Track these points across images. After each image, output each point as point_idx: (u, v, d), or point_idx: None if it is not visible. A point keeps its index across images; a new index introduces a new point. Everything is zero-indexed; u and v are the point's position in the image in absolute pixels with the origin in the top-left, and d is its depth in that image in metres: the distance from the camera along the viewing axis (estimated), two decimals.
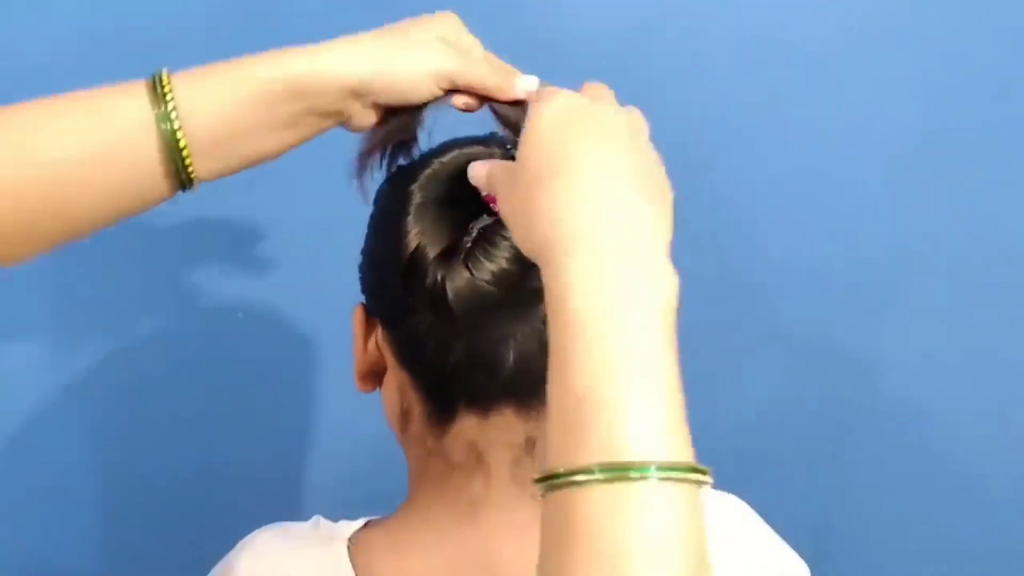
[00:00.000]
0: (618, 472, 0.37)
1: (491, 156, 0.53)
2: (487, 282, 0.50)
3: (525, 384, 0.52)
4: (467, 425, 0.54)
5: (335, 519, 0.62)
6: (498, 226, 0.51)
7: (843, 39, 0.93)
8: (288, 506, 0.98)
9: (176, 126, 0.51)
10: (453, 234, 0.52)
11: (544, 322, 0.48)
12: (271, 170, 0.85)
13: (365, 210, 0.59)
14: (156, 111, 0.51)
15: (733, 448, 1.03)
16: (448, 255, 0.51)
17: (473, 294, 0.50)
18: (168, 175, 0.53)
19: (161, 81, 0.52)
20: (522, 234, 0.44)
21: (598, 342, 0.38)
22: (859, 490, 1.05)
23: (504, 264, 0.50)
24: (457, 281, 0.50)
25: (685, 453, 0.38)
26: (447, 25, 0.56)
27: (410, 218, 0.52)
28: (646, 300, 0.39)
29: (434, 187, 0.53)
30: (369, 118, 0.56)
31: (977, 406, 1.02)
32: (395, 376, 0.57)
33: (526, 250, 0.44)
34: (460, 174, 0.52)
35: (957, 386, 1.01)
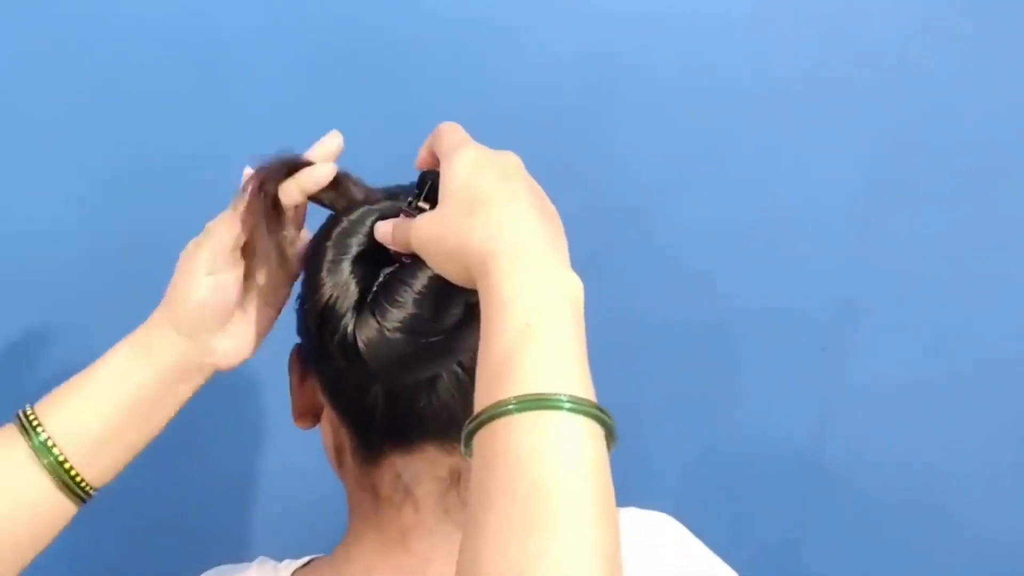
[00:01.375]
0: (533, 402, 0.42)
1: (397, 212, 0.56)
2: (395, 330, 0.52)
3: (443, 423, 0.55)
4: (393, 460, 0.56)
5: (280, 559, 0.62)
6: (402, 274, 0.54)
7: (800, 82, 0.94)
8: (234, 546, 0.97)
9: (56, 454, 0.54)
10: (361, 287, 0.54)
11: (459, 364, 0.54)
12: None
13: None
14: (29, 443, 0.54)
15: (704, 479, 1.05)
16: (357, 307, 0.54)
17: (383, 342, 0.52)
18: (63, 497, 0.55)
19: (27, 415, 0.56)
20: (454, 262, 0.50)
21: (522, 317, 0.45)
22: (824, 526, 1.07)
23: (411, 309, 0.53)
24: (367, 331, 0.53)
25: (593, 398, 0.44)
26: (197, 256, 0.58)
27: (323, 273, 0.55)
28: (562, 293, 0.46)
29: (344, 244, 0.55)
30: (228, 350, 0.59)
31: (943, 443, 1.03)
32: (328, 413, 0.59)
33: (457, 275, 0.50)
34: (368, 231, 0.56)
35: (918, 422, 1.02)
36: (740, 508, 1.07)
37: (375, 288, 0.54)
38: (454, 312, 0.53)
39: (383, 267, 0.55)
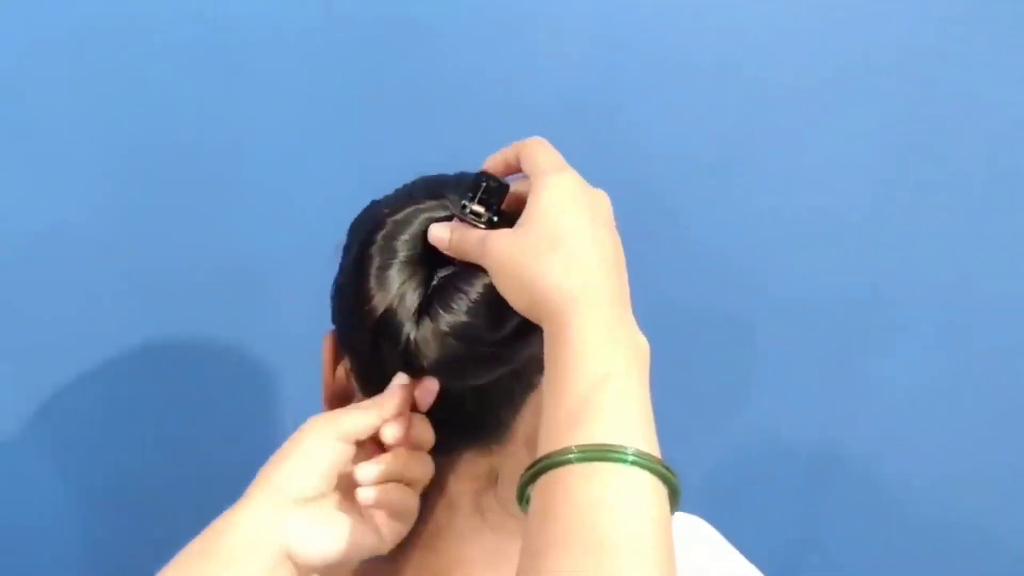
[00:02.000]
0: (597, 452, 0.42)
1: (448, 214, 0.54)
2: (450, 336, 0.51)
3: (488, 427, 0.54)
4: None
5: None
6: (457, 280, 0.52)
7: (820, 77, 0.94)
8: None
9: None
10: (414, 294, 0.52)
11: (510, 372, 0.52)
12: (260, 180, 0.85)
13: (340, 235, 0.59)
14: None
15: (720, 478, 1.04)
16: (412, 315, 0.52)
17: (437, 349, 0.51)
18: None
19: None
20: (524, 292, 0.49)
21: (599, 370, 0.44)
22: (837, 523, 1.06)
23: (466, 318, 0.51)
24: (421, 338, 0.51)
25: (657, 454, 0.43)
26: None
27: (372, 282, 0.52)
28: (635, 351, 0.47)
29: (390, 248, 0.53)
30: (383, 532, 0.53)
31: (958, 441, 1.04)
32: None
33: (521, 308, 0.49)
34: (416, 232, 0.54)
35: (933, 419, 1.04)
36: (752, 503, 1.06)
37: (429, 293, 0.52)
38: (511, 322, 0.52)
39: (434, 269, 0.53)
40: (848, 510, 1.08)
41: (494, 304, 0.51)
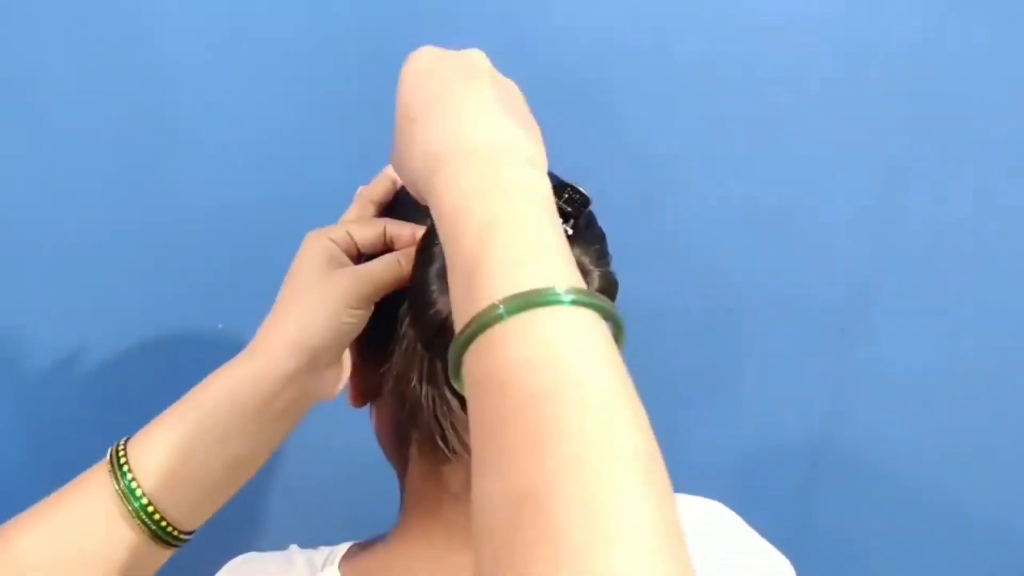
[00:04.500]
0: (525, 301, 0.34)
1: None
2: None
3: None
4: (461, 457, 0.53)
5: (300, 544, 0.61)
6: None
7: (816, 69, 0.95)
8: (256, 527, 0.98)
9: (140, 495, 0.49)
10: None
11: None
12: (255, 178, 0.84)
13: None
14: (117, 488, 0.49)
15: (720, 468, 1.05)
16: None
17: None
18: (152, 542, 0.50)
19: (117, 453, 0.50)
20: (406, 176, 0.44)
21: (478, 217, 0.37)
22: (834, 514, 1.06)
23: None
24: None
25: (585, 287, 0.36)
26: (315, 246, 0.53)
27: (435, 285, 0.50)
28: (525, 187, 0.38)
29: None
30: (335, 379, 0.54)
31: (955, 432, 1.05)
32: (386, 404, 0.56)
33: (414, 192, 0.44)
34: None
35: (930, 411, 1.04)
36: (749, 495, 1.07)
37: None
38: None
39: None
40: (846, 506, 1.08)
41: None
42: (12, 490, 0.96)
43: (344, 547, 0.60)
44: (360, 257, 0.54)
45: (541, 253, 0.36)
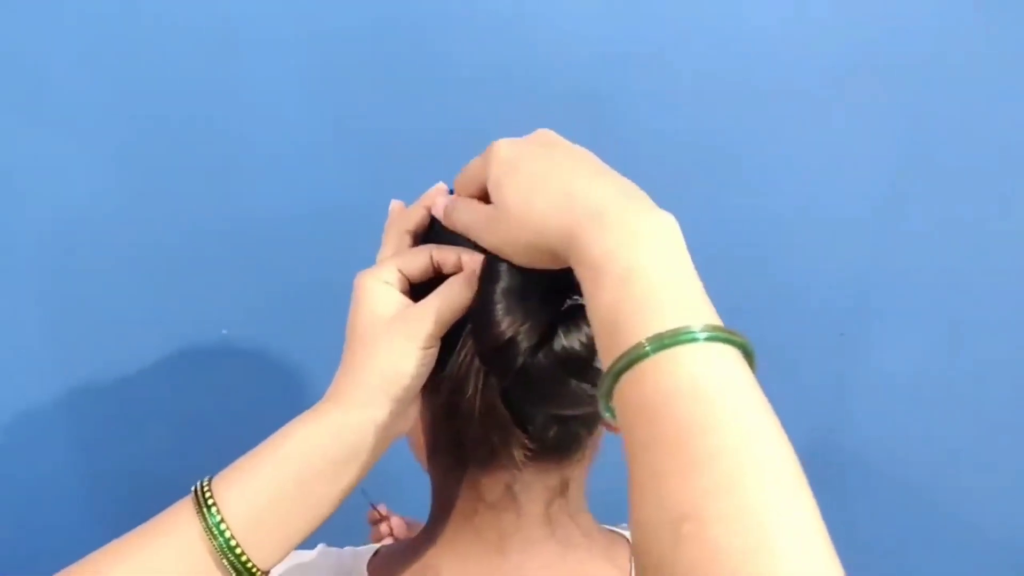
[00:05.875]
0: (667, 339, 0.39)
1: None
2: (559, 366, 0.50)
3: (563, 448, 0.54)
4: (503, 468, 0.54)
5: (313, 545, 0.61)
6: (576, 312, 0.51)
7: (821, 74, 0.94)
8: None
9: (227, 536, 0.50)
10: (542, 323, 0.50)
11: (590, 402, 0.50)
12: (259, 184, 0.83)
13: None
14: (204, 525, 0.50)
15: None
16: (535, 345, 0.50)
17: (546, 380, 0.50)
18: None
19: (203, 492, 0.51)
20: (540, 253, 0.47)
21: (619, 269, 0.41)
22: (837, 515, 1.05)
23: (577, 348, 0.50)
24: (536, 367, 0.50)
25: (718, 323, 0.41)
26: (373, 290, 0.53)
27: (500, 305, 0.50)
28: (655, 233, 0.43)
29: (515, 275, 0.51)
30: (414, 413, 0.55)
31: (958, 434, 1.04)
32: (427, 411, 0.56)
33: (550, 263, 0.47)
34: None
35: (933, 412, 1.03)
36: None
37: (553, 322, 0.51)
38: None
39: (562, 295, 0.51)
40: (846, 508, 1.07)
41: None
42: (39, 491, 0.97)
43: (370, 548, 0.61)
44: (412, 287, 0.55)
45: (679, 294, 0.42)
